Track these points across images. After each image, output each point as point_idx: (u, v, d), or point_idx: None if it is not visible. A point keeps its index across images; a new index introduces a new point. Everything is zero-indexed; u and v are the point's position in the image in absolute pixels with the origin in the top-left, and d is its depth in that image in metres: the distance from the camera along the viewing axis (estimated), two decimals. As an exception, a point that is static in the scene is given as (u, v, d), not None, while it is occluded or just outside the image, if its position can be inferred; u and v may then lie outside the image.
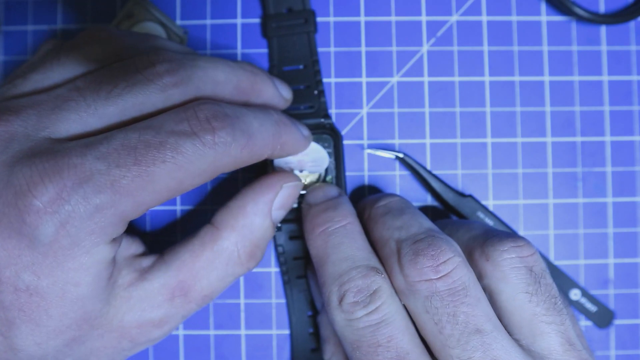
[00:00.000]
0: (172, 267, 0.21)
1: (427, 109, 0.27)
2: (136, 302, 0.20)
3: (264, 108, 0.23)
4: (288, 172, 0.24)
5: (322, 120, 0.26)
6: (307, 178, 0.25)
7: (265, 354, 0.26)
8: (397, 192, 0.27)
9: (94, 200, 0.18)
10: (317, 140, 0.26)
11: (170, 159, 0.18)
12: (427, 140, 0.27)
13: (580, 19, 0.27)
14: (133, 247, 0.22)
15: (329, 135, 0.26)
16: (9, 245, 0.18)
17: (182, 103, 0.21)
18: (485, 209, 0.26)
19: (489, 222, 0.26)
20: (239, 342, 0.27)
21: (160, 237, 0.27)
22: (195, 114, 0.19)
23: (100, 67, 0.21)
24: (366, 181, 0.27)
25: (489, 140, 0.27)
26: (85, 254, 0.18)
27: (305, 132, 0.24)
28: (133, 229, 0.27)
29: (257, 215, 0.22)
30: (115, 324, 0.20)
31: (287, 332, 0.27)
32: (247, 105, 0.22)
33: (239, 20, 0.27)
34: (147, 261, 0.21)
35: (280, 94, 0.24)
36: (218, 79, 0.21)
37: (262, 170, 0.26)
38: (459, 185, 0.27)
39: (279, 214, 0.23)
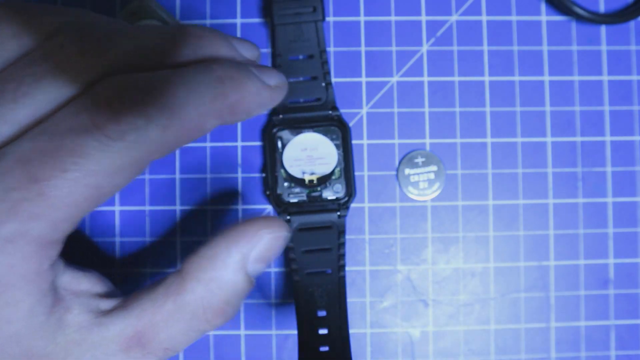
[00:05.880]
0: (131, 314, 0.18)
1: (427, 109, 0.27)
2: (89, 347, 0.18)
3: (202, 64, 0.18)
4: (272, 218, 0.20)
5: (330, 112, 0.26)
6: (316, 179, 0.25)
7: (265, 354, 0.26)
8: (397, 193, 0.27)
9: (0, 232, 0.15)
10: (325, 133, 0.26)
11: (71, 166, 0.15)
12: (427, 140, 0.27)
13: (580, 18, 0.27)
14: (84, 282, 0.19)
15: (337, 127, 0.26)
16: None
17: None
18: None
19: None
20: (238, 342, 0.27)
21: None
22: (94, 99, 0.16)
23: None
24: (365, 181, 0.27)
25: (488, 140, 0.27)
26: (11, 288, 0.16)
27: (273, 80, 0.19)
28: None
29: (228, 269, 0.19)
30: None
31: (287, 332, 0.27)
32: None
33: (238, 20, 0.27)
34: (106, 304, 0.19)
35: (241, 54, 0.19)
36: (145, 48, 0.17)
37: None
38: (459, 185, 0.27)
39: (257, 267, 0.19)
